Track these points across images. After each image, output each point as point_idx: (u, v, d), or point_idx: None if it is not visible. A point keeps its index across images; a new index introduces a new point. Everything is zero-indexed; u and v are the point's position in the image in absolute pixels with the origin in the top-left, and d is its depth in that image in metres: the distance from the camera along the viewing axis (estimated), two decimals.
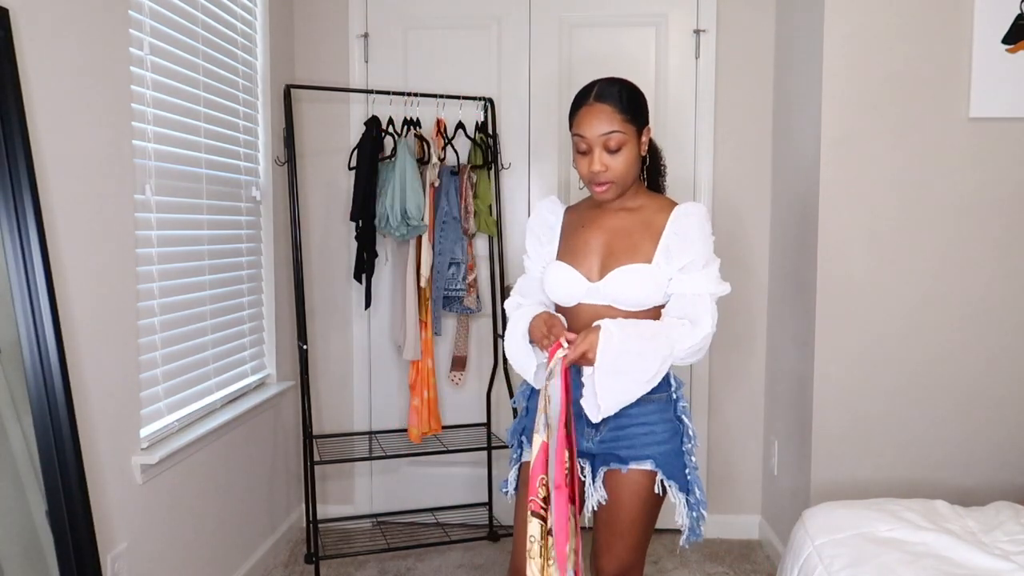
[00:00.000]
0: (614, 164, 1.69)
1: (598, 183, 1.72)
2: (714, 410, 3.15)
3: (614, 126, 1.67)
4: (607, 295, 1.72)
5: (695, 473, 1.77)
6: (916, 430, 2.54)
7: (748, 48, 3.03)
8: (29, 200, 1.54)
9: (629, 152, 1.70)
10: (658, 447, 1.73)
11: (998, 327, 2.50)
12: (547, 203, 1.92)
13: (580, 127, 1.71)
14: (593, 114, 1.69)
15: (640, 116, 1.72)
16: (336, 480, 3.25)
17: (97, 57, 1.83)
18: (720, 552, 3.04)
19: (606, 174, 1.70)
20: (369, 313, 3.18)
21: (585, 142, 1.70)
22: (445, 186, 2.93)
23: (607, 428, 1.74)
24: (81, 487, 1.63)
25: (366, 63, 3.14)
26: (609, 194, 1.74)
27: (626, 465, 1.73)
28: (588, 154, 1.71)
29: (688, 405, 1.79)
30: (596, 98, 1.70)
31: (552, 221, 1.88)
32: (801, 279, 2.67)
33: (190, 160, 2.31)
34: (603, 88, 1.71)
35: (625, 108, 1.69)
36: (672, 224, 1.72)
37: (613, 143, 1.68)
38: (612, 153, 1.69)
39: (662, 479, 1.73)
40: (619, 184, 1.72)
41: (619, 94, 1.69)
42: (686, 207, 1.74)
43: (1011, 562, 1.72)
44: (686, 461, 1.76)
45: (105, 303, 1.86)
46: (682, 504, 1.75)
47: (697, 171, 3.06)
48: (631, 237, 1.74)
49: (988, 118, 2.44)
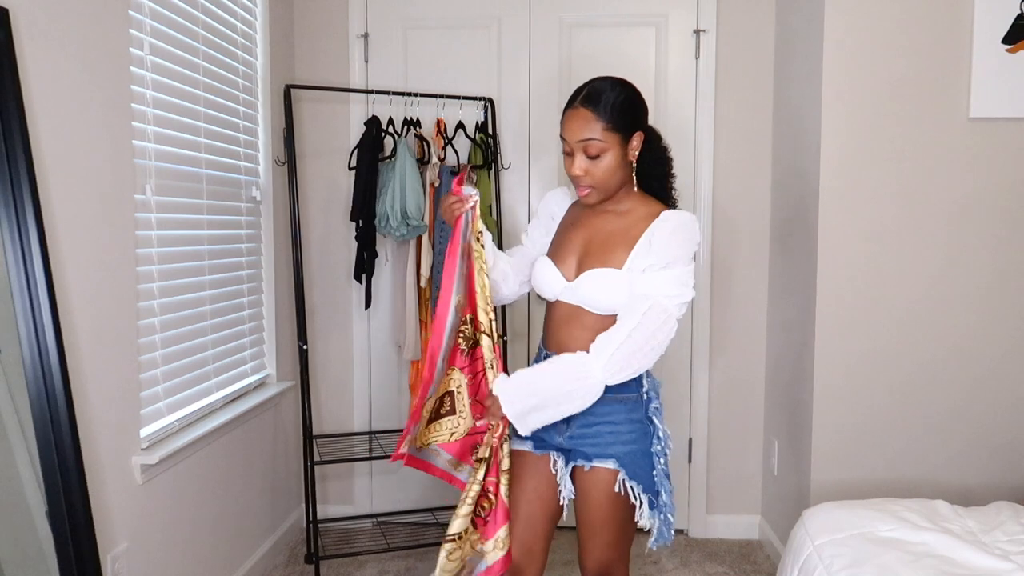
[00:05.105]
0: (594, 170, 1.69)
1: (579, 186, 1.73)
2: (714, 410, 3.15)
3: (594, 134, 1.66)
4: (578, 296, 1.72)
5: (664, 475, 1.75)
6: (916, 430, 2.54)
7: (748, 48, 3.03)
8: (29, 200, 1.54)
9: (611, 159, 1.68)
10: (623, 447, 1.72)
11: (998, 327, 2.50)
12: (557, 194, 1.94)
13: (563, 130, 1.72)
14: (574, 118, 1.68)
15: (627, 123, 1.68)
16: (336, 480, 3.25)
17: (97, 57, 1.83)
18: (720, 552, 3.04)
19: (586, 179, 1.70)
20: (369, 313, 3.18)
21: (567, 145, 1.71)
22: (445, 186, 2.92)
23: (576, 425, 1.75)
24: (81, 487, 1.63)
25: (366, 63, 3.14)
26: (591, 198, 1.74)
27: (590, 462, 1.74)
28: (571, 156, 1.71)
29: (662, 407, 1.78)
30: (582, 102, 1.68)
31: (556, 213, 1.91)
32: (801, 279, 2.67)
33: (190, 160, 2.31)
34: (592, 91, 1.68)
35: (609, 115, 1.66)
36: (648, 231, 1.69)
37: (592, 150, 1.67)
38: (592, 159, 1.68)
39: (623, 479, 1.72)
40: (600, 189, 1.72)
41: (606, 100, 1.66)
42: (666, 215, 1.70)
43: (1011, 562, 1.72)
44: (654, 463, 1.74)
45: (105, 303, 1.86)
46: (645, 506, 1.73)
47: (697, 171, 3.07)
48: (609, 241, 1.73)
49: (988, 118, 2.44)
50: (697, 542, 3.14)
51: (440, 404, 1.80)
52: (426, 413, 1.82)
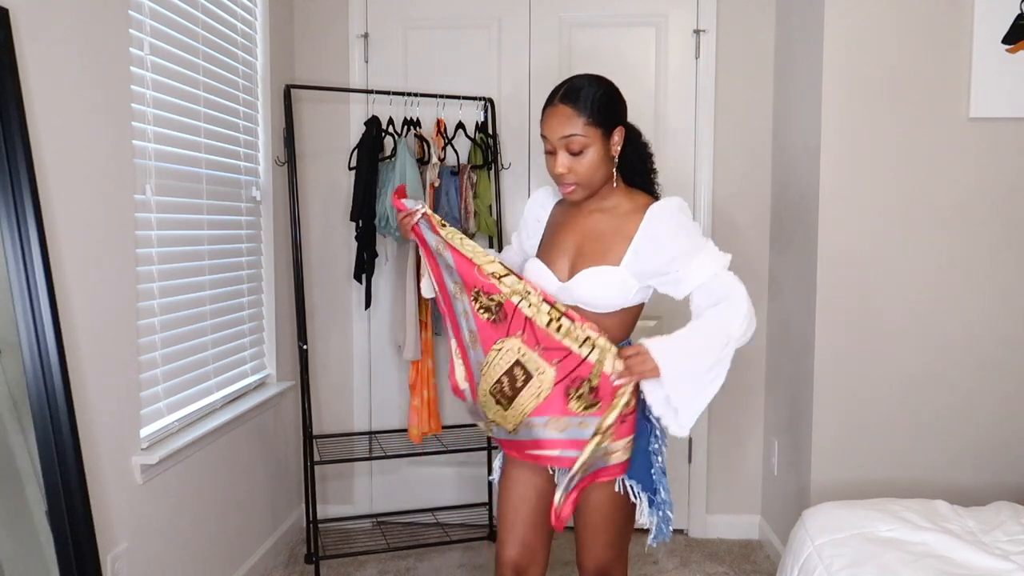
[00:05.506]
0: (577, 167, 1.68)
1: (563, 184, 1.72)
2: (714, 410, 3.15)
3: (575, 129, 1.66)
4: (574, 295, 1.72)
5: (661, 473, 1.77)
6: (916, 430, 2.54)
7: (748, 48, 3.03)
8: (29, 200, 1.54)
9: (593, 155, 1.68)
10: None
11: (998, 327, 2.50)
12: (540, 195, 1.93)
13: (544, 128, 1.71)
14: (555, 116, 1.68)
15: (608, 117, 1.69)
16: (336, 480, 3.25)
17: (97, 57, 1.83)
18: (720, 552, 3.04)
19: (569, 176, 1.69)
20: (369, 313, 3.18)
21: (549, 143, 1.70)
22: (445, 186, 2.92)
23: None
24: (81, 487, 1.63)
25: (366, 63, 3.14)
26: (576, 195, 1.73)
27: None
28: (553, 155, 1.71)
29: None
30: (561, 99, 1.69)
31: (541, 215, 1.89)
32: (801, 279, 2.67)
33: (190, 160, 2.31)
34: (570, 89, 1.69)
35: (589, 111, 1.66)
36: (644, 227, 1.69)
37: (575, 146, 1.67)
38: (574, 155, 1.68)
39: (623, 479, 1.72)
40: (584, 186, 1.71)
41: (585, 96, 1.67)
42: (657, 208, 1.70)
43: (1011, 562, 1.72)
44: (652, 460, 1.76)
45: (105, 303, 1.86)
46: (644, 503, 1.74)
47: (697, 171, 3.06)
48: (602, 239, 1.73)
49: (988, 118, 2.44)
50: (697, 542, 3.14)
51: (512, 381, 1.69)
52: (495, 403, 1.72)
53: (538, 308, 1.67)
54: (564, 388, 1.65)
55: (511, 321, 1.69)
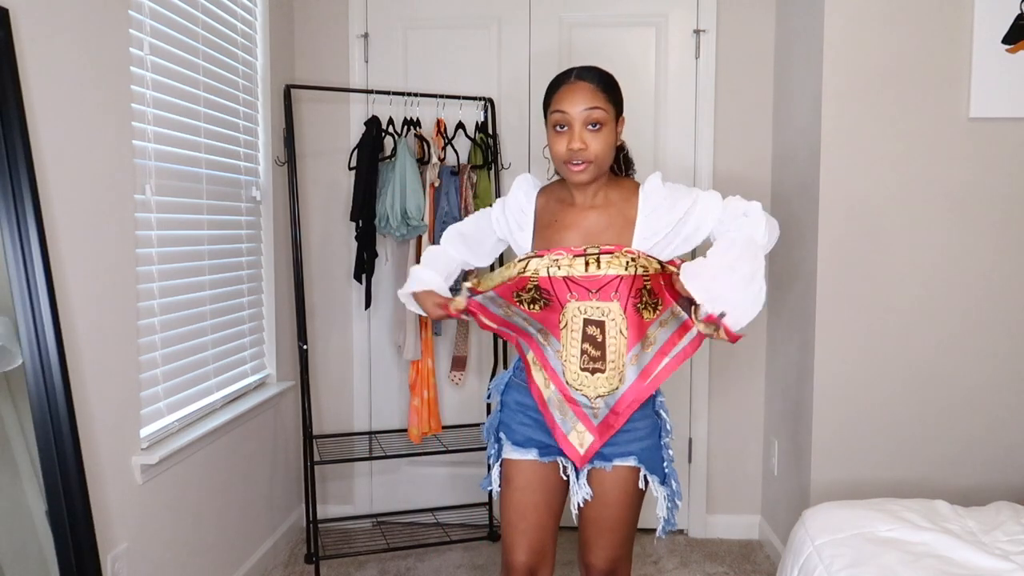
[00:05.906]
0: (594, 143, 1.67)
1: (575, 162, 1.68)
2: (714, 410, 3.15)
3: (597, 102, 1.67)
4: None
5: (672, 465, 1.81)
6: (916, 430, 2.54)
7: (748, 48, 3.03)
8: (29, 200, 1.55)
9: (609, 133, 1.69)
10: (640, 443, 1.76)
11: (998, 327, 2.50)
12: (522, 184, 1.87)
13: (561, 103, 1.68)
14: (576, 90, 1.68)
15: (618, 101, 1.74)
16: (336, 480, 3.25)
17: (97, 57, 1.83)
18: (720, 552, 3.04)
19: (585, 152, 1.67)
20: (369, 313, 3.18)
21: (566, 118, 1.68)
22: (445, 186, 2.93)
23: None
24: (81, 487, 1.63)
25: (366, 63, 3.14)
26: (586, 175, 1.70)
27: (610, 463, 1.76)
28: (567, 132, 1.69)
29: (665, 399, 1.83)
30: (578, 76, 1.71)
31: (526, 206, 1.85)
32: (801, 279, 2.67)
33: (190, 160, 2.31)
34: (584, 69, 1.73)
35: (606, 88, 1.70)
36: (643, 205, 1.73)
37: (598, 117, 1.67)
38: (593, 132, 1.67)
39: (645, 474, 1.77)
40: (596, 165, 1.69)
41: (601, 76, 1.72)
42: (648, 185, 1.76)
43: (1011, 562, 1.72)
44: (663, 454, 1.80)
45: (105, 303, 1.86)
46: (663, 497, 1.79)
47: (697, 171, 3.06)
48: (609, 229, 1.74)
49: (988, 118, 2.44)
50: (697, 542, 3.14)
51: (592, 340, 1.71)
52: (591, 374, 1.72)
53: (571, 263, 1.69)
54: (634, 308, 1.70)
55: (556, 293, 1.71)
